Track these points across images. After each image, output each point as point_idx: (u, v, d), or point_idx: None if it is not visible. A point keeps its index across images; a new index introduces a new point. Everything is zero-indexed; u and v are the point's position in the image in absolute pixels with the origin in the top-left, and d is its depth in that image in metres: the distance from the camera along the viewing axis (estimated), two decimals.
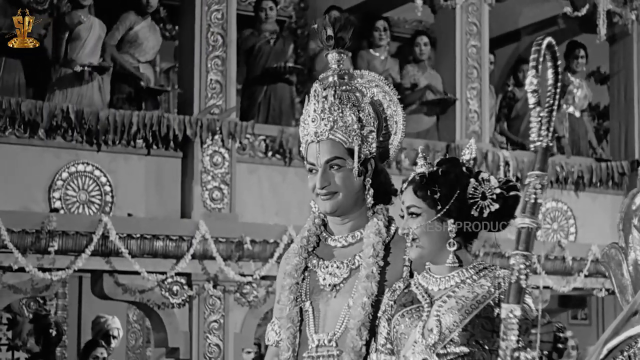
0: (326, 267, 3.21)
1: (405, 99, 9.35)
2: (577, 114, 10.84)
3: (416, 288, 3.04)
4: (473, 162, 3.04)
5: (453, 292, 2.96)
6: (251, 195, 8.84)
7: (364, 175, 3.19)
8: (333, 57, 3.28)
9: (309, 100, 3.23)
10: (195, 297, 8.44)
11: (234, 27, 8.84)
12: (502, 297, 2.85)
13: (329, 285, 3.19)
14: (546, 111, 2.73)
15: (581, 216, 10.34)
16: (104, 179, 8.25)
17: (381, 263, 3.13)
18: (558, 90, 2.75)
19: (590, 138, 10.98)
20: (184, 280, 8.39)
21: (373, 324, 3.08)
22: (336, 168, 3.17)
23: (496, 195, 2.96)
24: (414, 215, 3.00)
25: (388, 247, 3.17)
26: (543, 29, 11.02)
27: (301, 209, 8.22)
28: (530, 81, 2.70)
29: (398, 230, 3.15)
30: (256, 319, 8.77)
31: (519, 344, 2.69)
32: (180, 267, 8.25)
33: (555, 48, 2.74)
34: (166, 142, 8.50)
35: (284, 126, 9.06)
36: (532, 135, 2.74)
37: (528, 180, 2.74)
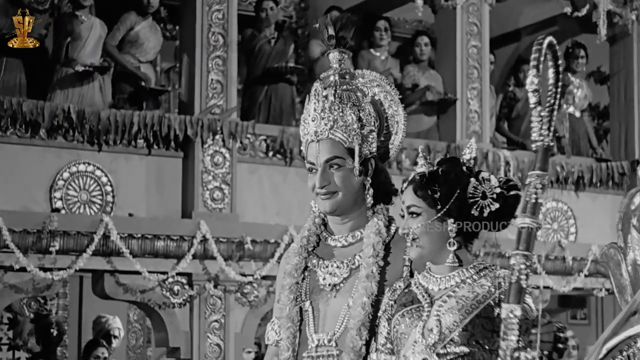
0: (326, 267, 3.21)
1: (406, 99, 9.35)
2: (577, 114, 10.84)
3: (416, 288, 3.03)
4: (473, 162, 3.03)
5: (453, 292, 2.96)
6: (252, 195, 8.83)
7: (363, 175, 3.18)
8: (334, 57, 3.26)
9: (310, 99, 3.22)
10: (196, 297, 8.43)
11: (235, 27, 8.84)
12: (503, 297, 2.85)
13: (329, 285, 3.18)
14: (547, 111, 2.72)
15: (581, 216, 10.33)
16: (105, 179, 8.25)
17: (381, 263, 3.13)
18: (559, 90, 2.74)
19: (590, 138, 10.98)
20: (184, 280, 8.39)
21: (373, 323, 3.07)
22: (336, 167, 3.17)
23: (496, 195, 2.95)
24: (414, 215, 2.99)
25: (388, 247, 3.17)
26: (543, 29, 11.01)
27: (302, 209, 8.21)
28: (531, 81, 2.69)
29: (398, 230, 3.14)
30: (257, 318, 8.76)
31: (519, 344, 2.68)
32: (181, 267, 8.25)
33: (556, 47, 2.74)
34: (167, 142, 8.49)
35: (284, 126, 9.04)
36: (533, 134, 2.74)
37: (529, 180, 2.74)
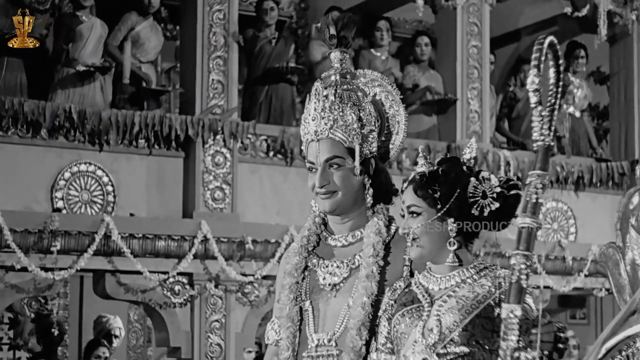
0: (326, 267, 3.21)
1: (406, 99, 9.35)
2: (577, 114, 10.84)
3: (417, 287, 3.03)
4: (474, 162, 3.03)
5: (453, 292, 2.96)
6: (253, 195, 8.83)
7: (363, 175, 3.18)
8: (335, 56, 3.26)
9: (310, 98, 3.21)
10: (196, 297, 8.44)
11: (236, 27, 8.84)
12: (503, 297, 2.84)
13: (329, 284, 3.18)
14: (548, 110, 2.72)
15: (581, 216, 10.33)
16: (106, 179, 8.25)
17: (381, 263, 3.12)
18: (560, 90, 2.73)
19: (590, 138, 10.98)
20: (185, 280, 8.39)
21: (373, 323, 3.07)
22: (335, 167, 3.16)
23: (496, 194, 2.95)
24: (414, 215, 2.99)
25: (388, 247, 3.16)
26: (543, 29, 11.00)
27: (302, 209, 8.22)
28: (532, 80, 2.68)
29: (398, 229, 3.13)
30: (257, 318, 8.75)
31: (520, 344, 2.68)
32: (182, 267, 8.25)
33: (557, 47, 2.73)
34: (168, 142, 8.49)
35: (285, 126, 9.04)
36: (534, 134, 2.73)
37: (529, 180, 2.73)
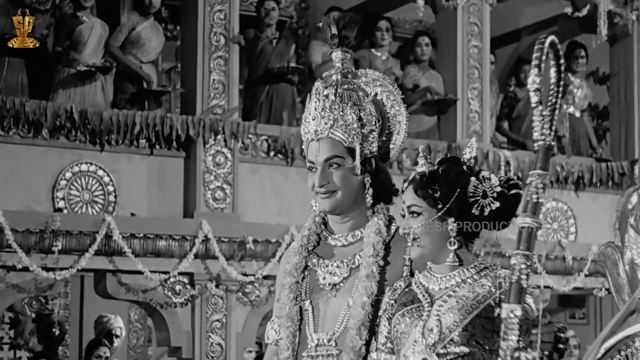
0: (326, 266, 3.20)
1: (407, 99, 9.33)
2: (577, 114, 10.85)
3: (417, 287, 3.03)
4: (474, 161, 3.03)
5: (454, 292, 2.95)
6: (253, 195, 8.84)
7: (363, 174, 3.17)
8: (337, 56, 3.25)
9: (311, 98, 3.21)
10: (197, 297, 8.44)
11: (237, 28, 8.84)
12: (503, 297, 2.83)
13: (329, 284, 3.17)
14: (549, 110, 2.70)
15: (581, 216, 10.33)
16: (107, 179, 8.26)
17: (381, 262, 3.12)
18: (561, 89, 2.72)
19: (590, 138, 10.99)
20: (186, 280, 8.40)
21: (373, 323, 3.06)
22: (335, 166, 3.16)
23: (497, 194, 2.94)
24: (414, 215, 2.98)
25: (388, 247, 3.16)
26: (543, 29, 11.00)
27: (303, 209, 8.21)
28: (533, 80, 2.67)
29: (398, 229, 3.13)
30: (258, 318, 8.76)
31: (520, 344, 2.67)
32: (183, 267, 8.26)
33: (559, 47, 2.72)
34: (169, 142, 8.50)
35: (286, 126, 9.05)
36: (535, 134, 2.72)
37: (530, 180, 2.72)
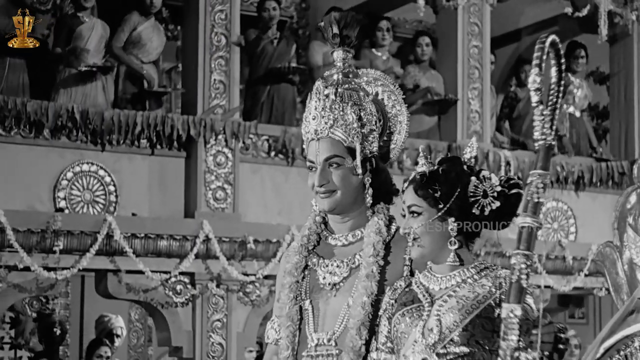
0: (326, 266, 3.20)
1: (407, 99, 9.33)
2: (578, 114, 10.85)
3: (417, 287, 3.03)
4: (474, 161, 3.02)
5: (454, 292, 2.95)
6: (254, 195, 8.84)
7: (363, 174, 3.17)
8: (338, 55, 3.25)
9: (311, 97, 3.21)
10: (198, 297, 8.44)
11: (238, 28, 8.85)
12: (503, 297, 2.83)
13: (329, 284, 3.17)
14: (549, 109, 2.70)
15: (581, 216, 10.34)
16: (108, 179, 8.26)
17: (381, 262, 3.12)
18: (561, 89, 2.71)
19: (590, 138, 11.00)
20: (187, 280, 8.39)
21: (373, 323, 3.06)
22: (335, 166, 3.16)
23: (497, 193, 2.94)
24: (415, 215, 2.98)
25: (388, 246, 3.16)
26: (544, 29, 11.00)
27: (304, 209, 8.18)
28: (534, 79, 2.66)
29: (398, 229, 3.13)
30: (259, 318, 8.76)
31: (520, 344, 2.67)
32: (184, 267, 8.26)
33: (559, 46, 2.71)
34: (170, 142, 8.50)
35: (286, 126, 9.04)
36: (536, 133, 2.72)
37: (530, 179, 2.72)
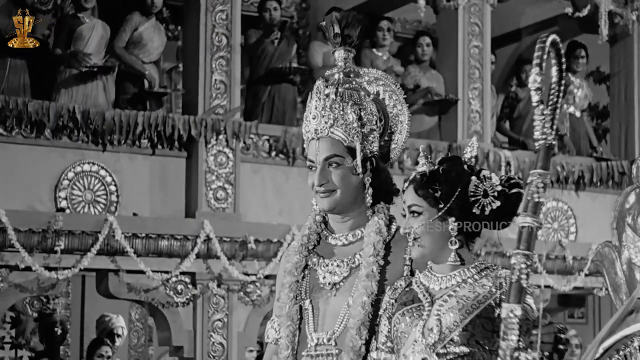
0: (326, 266, 3.20)
1: (408, 99, 9.33)
2: (578, 113, 10.86)
3: (417, 287, 3.03)
4: (475, 160, 3.03)
5: (454, 292, 2.95)
6: (255, 195, 8.85)
7: (364, 173, 3.17)
8: (340, 55, 3.25)
9: (312, 97, 3.21)
10: (199, 296, 8.44)
11: (239, 28, 8.85)
12: (504, 298, 2.83)
13: (329, 283, 3.17)
14: (550, 109, 2.70)
15: (581, 216, 10.33)
16: (109, 179, 8.27)
17: (381, 262, 3.12)
18: (562, 88, 2.71)
19: (590, 138, 11.00)
20: (188, 280, 8.39)
21: (373, 323, 3.06)
22: (335, 166, 3.16)
23: (498, 193, 2.94)
24: (415, 214, 2.99)
25: (389, 246, 3.16)
26: (544, 29, 11.00)
27: (304, 209, 8.17)
28: (534, 79, 2.66)
29: (399, 229, 3.13)
30: (260, 317, 8.75)
31: (520, 344, 2.67)
32: (185, 267, 8.27)
33: (560, 45, 2.71)
34: (171, 142, 8.50)
35: (287, 126, 9.04)
36: (536, 133, 2.72)
37: (530, 179, 2.72)
